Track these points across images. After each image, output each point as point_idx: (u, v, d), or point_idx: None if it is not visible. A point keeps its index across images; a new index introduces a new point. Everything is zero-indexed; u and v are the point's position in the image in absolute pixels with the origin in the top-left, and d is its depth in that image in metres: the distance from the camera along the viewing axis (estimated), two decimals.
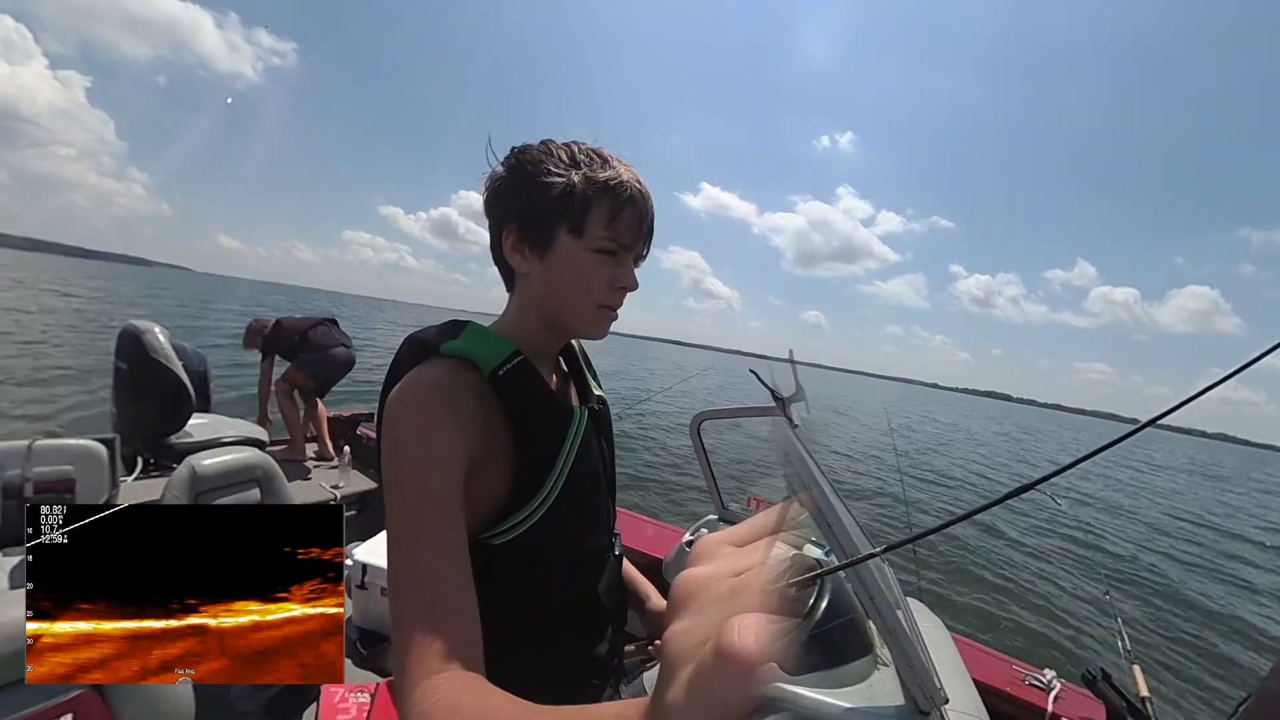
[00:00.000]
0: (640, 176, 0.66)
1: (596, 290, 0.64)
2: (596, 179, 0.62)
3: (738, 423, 5.96)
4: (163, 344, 2.68)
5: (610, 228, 0.62)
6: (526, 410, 0.62)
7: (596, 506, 0.72)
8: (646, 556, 2.09)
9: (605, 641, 0.73)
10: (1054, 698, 1.48)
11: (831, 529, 0.41)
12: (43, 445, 1.71)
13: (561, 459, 0.63)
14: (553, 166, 0.62)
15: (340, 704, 1.78)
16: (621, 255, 0.64)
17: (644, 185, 0.66)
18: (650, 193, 0.67)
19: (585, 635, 0.71)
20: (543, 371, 0.68)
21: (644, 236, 0.66)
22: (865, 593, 0.43)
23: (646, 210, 0.65)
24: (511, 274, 0.68)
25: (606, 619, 0.73)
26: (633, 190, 0.63)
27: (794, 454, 0.43)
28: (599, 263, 0.63)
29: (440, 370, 0.59)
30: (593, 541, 0.72)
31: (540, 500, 0.61)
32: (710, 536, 0.29)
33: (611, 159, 0.65)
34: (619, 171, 0.63)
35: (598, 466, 0.72)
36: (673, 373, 33.74)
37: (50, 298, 23.66)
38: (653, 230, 0.68)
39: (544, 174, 0.61)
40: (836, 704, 0.39)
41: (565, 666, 0.68)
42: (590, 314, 0.65)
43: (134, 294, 37.42)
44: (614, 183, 0.62)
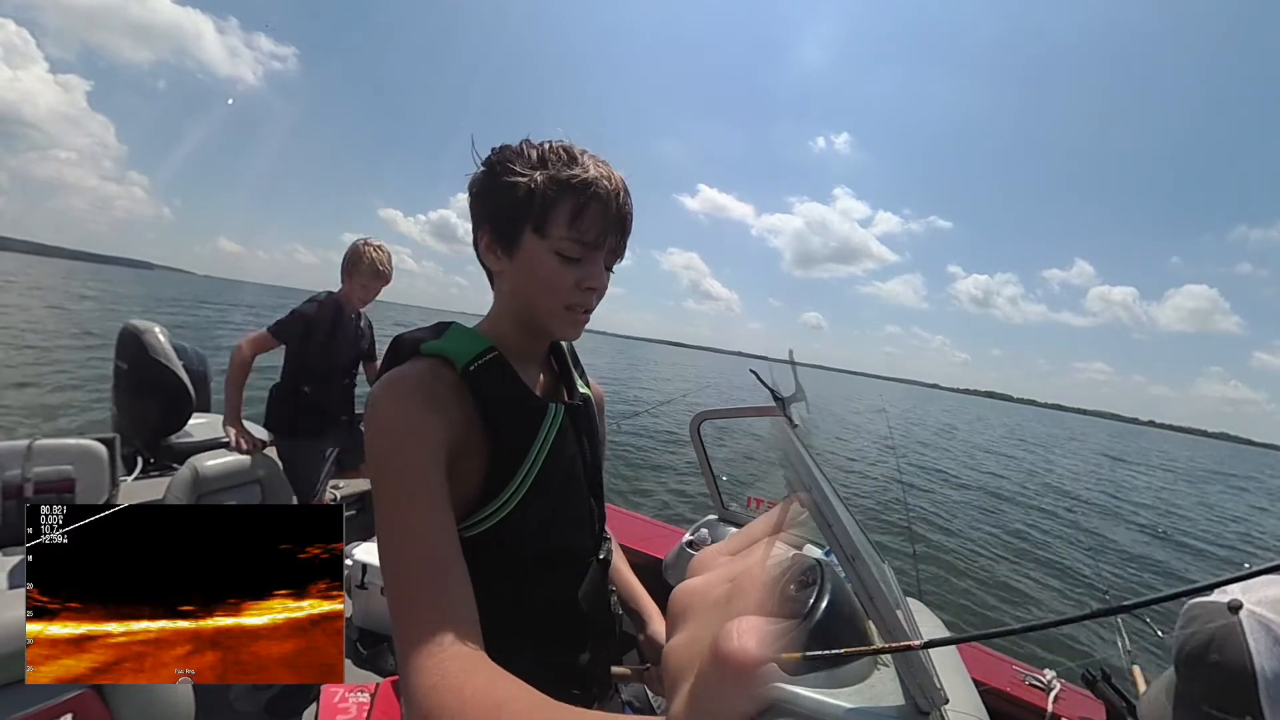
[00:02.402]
0: (612, 174, 0.64)
1: (562, 291, 0.63)
2: (559, 177, 0.61)
3: (738, 422, 5.95)
4: (163, 344, 2.68)
5: (573, 227, 0.61)
6: (498, 404, 0.62)
7: (573, 504, 0.70)
8: (646, 557, 2.09)
9: (586, 650, 0.72)
10: (1054, 698, 1.48)
11: (831, 529, 0.40)
12: (43, 445, 1.71)
13: (533, 453, 0.64)
14: (519, 166, 0.61)
15: (340, 704, 1.77)
16: (588, 255, 0.63)
17: (616, 182, 0.63)
18: (624, 188, 0.64)
19: (564, 640, 0.70)
20: (525, 369, 0.69)
21: (611, 234, 0.64)
22: (865, 593, 0.43)
23: (615, 208, 0.63)
24: (491, 274, 0.69)
25: (586, 625, 0.71)
26: (598, 188, 0.61)
27: (794, 454, 0.43)
28: (564, 263, 0.62)
29: (418, 368, 0.62)
30: (570, 540, 0.70)
31: (510, 493, 0.61)
32: (707, 549, 0.30)
33: (581, 156, 0.63)
34: (585, 169, 0.61)
35: (575, 464, 0.70)
36: (673, 374, 33.62)
37: (48, 298, 23.65)
38: (625, 228, 0.65)
39: (509, 174, 0.61)
40: (837, 704, 0.39)
41: (541, 671, 0.67)
42: (558, 315, 0.65)
43: (157, 296, 37.35)
44: (576, 181, 0.60)
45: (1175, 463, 35.40)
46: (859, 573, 0.42)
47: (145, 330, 2.67)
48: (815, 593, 0.36)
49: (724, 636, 0.21)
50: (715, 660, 0.22)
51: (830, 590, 0.41)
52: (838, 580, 0.45)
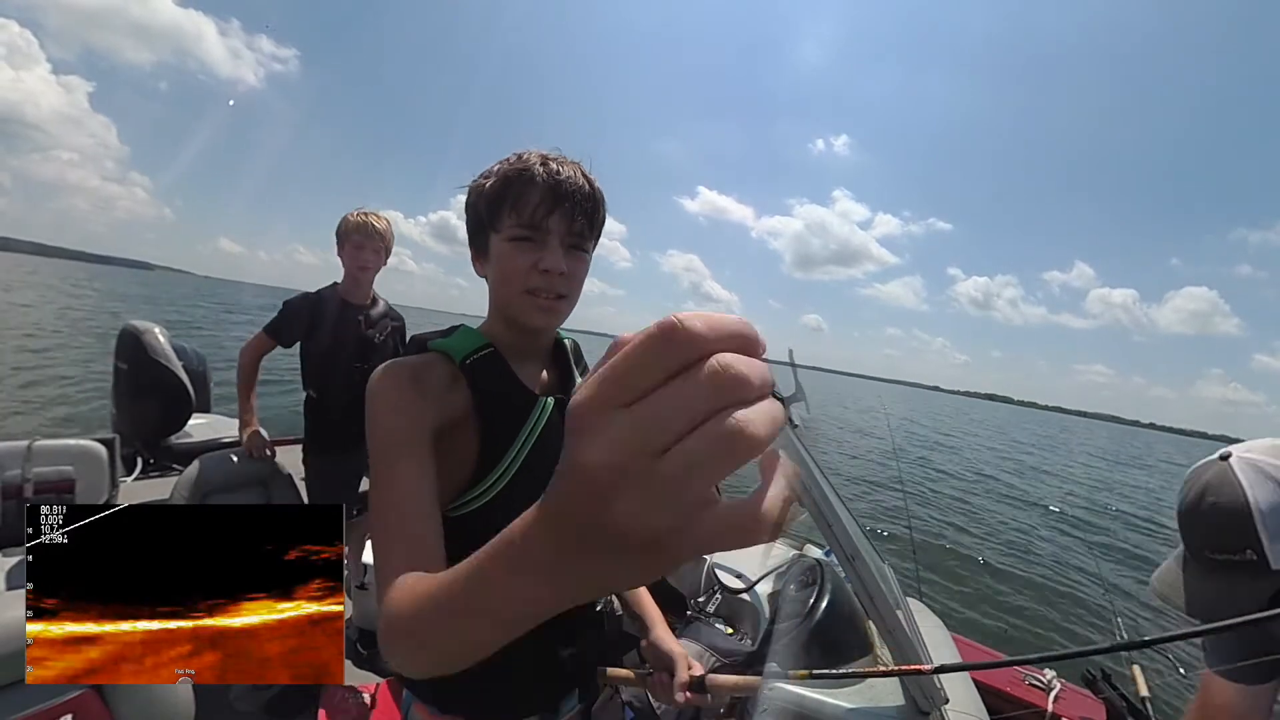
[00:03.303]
0: (562, 161, 0.66)
1: (518, 276, 0.66)
2: (503, 174, 0.65)
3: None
4: (163, 344, 2.68)
5: (514, 212, 0.65)
6: (489, 396, 0.68)
7: None
8: None
9: (572, 643, 0.74)
10: (1054, 698, 1.47)
11: (831, 529, 0.41)
12: (43, 445, 1.71)
13: (519, 441, 0.67)
14: (482, 180, 0.68)
15: (340, 704, 1.78)
16: (538, 237, 0.65)
17: (559, 165, 0.65)
18: (575, 171, 0.66)
19: (547, 630, 0.70)
20: (524, 366, 0.73)
21: (556, 213, 0.65)
22: (865, 593, 0.43)
23: (557, 189, 0.64)
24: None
25: (569, 618, 0.73)
26: (535, 173, 0.64)
27: (794, 454, 0.43)
28: (517, 249, 0.66)
29: (417, 358, 0.68)
30: None
31: (495, 477, 0.66)
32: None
33: (529, 154, 0.66)
34: (528, 162, 0.65)
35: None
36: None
37: (48, 298, 23.64)
38: (578, 206, 0.66)
39: (473, 191, 0.69)
40: (837, 704, 0.39)
41: (522, 661, 0.67)
42: (521, 301, 0.67)
43: (155, 297, 37.35)
44: (513, 173, 0.65)
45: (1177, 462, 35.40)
46: (859, 573, 0.42)
47: (145, 330, 2.67)
48: (815, 593, 0.37)
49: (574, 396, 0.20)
50: (566, 420, 0.21)
51: (830, 590, 0.41)
52: (838, 580, 0.45)
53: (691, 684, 0.80)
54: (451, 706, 0.71)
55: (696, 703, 0.80)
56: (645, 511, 0.19)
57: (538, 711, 0.75)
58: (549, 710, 0.76)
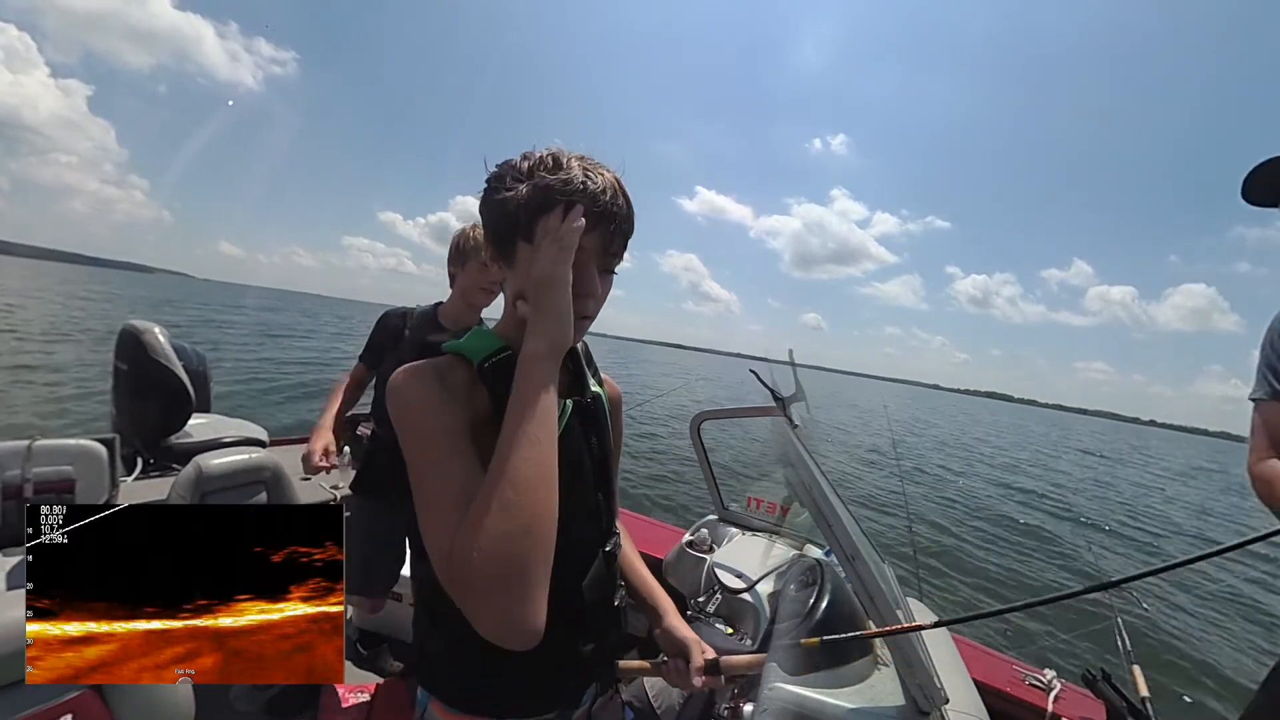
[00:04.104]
0: (602, 175, 0.64)
1: None
2: (543, 184, 0.62)
3: (739, 422, 5.94)
4: (162, 344, 2.68)
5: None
6: (506, 396, 0.65)
7: (578, 497, 0.73)
8: (647, 557, 2.09)
9: (590, 641, 0.75)
10: (1054, 698, 1.47)
11: (831, 529, 0.41)
12: (43, 445, 1.71)
13: None
14: (509, 182, 0.64)
15: (340, 704, 1.78)
16: (576, 258, 0.63)
17: (601, 182, 0.63)
18: (615, 188, 0.65)
19: (564, 627, 0.70)
20: None
21: (592, 233, 0.63)
22: (865, 593, 0.43)
23: (599, 209, 0.63)
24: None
25: (588, 615, 0.74)
26: (576, 187, 0.62)
27: (794, 454, 0.43)
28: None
29: (435, 361, 0.68)
30: (574, 531, 0.71)
31: None
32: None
33: (567, 162, 0.63)
34: (570, 175, 0.62)
35: (581, 457, 0.74)
36: (672, 375, 33.57)
37: (48, 298, 23.62)
38: (617, 228, 0.66)
39: (500, 191, 0.64)
40: (837, 704, 0.39)
41: (545, 659, 0.66)
42: None
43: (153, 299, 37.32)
44: (557, 184, 0.61)
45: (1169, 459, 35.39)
46: (859, 573, 0.42)
47: (145, 330, 2.67)
48: (815, 593, 0.36)
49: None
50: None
51: (830, 590, 0.41)
52: (838, 580, 0.45)
53: (706, 667, 0.82)
54: (474, 705, 0.72)
55: (711, 684, 0.83)
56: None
57: (558, 706, 0.76)
58: (570, 705, 0.78)
